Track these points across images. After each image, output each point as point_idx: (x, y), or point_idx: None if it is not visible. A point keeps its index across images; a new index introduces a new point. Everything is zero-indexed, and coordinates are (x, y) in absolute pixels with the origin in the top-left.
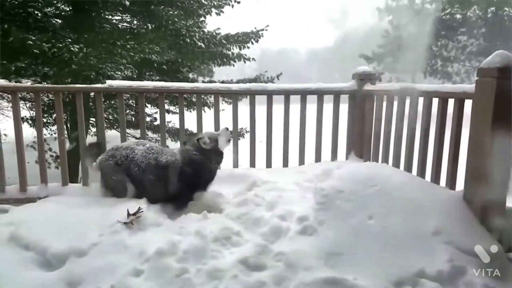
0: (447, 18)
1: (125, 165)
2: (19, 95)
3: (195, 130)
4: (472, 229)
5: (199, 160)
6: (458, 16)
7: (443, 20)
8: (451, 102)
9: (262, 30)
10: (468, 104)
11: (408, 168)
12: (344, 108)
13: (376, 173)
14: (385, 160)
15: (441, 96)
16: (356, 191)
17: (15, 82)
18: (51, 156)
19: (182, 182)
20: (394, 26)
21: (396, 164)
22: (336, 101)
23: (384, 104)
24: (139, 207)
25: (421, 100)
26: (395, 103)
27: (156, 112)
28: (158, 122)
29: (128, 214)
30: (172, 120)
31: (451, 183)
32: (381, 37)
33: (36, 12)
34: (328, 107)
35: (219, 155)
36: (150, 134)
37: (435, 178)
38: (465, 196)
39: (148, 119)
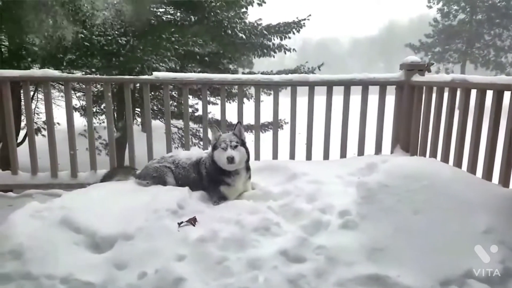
0: (502, 5)
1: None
2: (71, 85)
3: (234, 121)
4: None
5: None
6: None
7: (497, 8)
8: (506, 94)
9: (304, 19)
10: None
11: (458, 163)
12: (389, 100)
13: (424, 168)
14: (434, 155)
15: (496, 89)
16: (402, 186)
17: (67, 73)
18: (101, 143)
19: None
20: (443, 14)
21: (445, 159)
22: (382, 92)
23: (434, 96)
24: (194, 217)
25: (473, 92)
26: (445, 95)
27: (196, 103)
28: (198, 113)
29: (191, 221)
30: (212, 111)
31: (505, 180)
32: (429, 25)
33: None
34: (372, 99)
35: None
36: (191, 124)
37: (487, 175)
38: None
39: (189, 110)
